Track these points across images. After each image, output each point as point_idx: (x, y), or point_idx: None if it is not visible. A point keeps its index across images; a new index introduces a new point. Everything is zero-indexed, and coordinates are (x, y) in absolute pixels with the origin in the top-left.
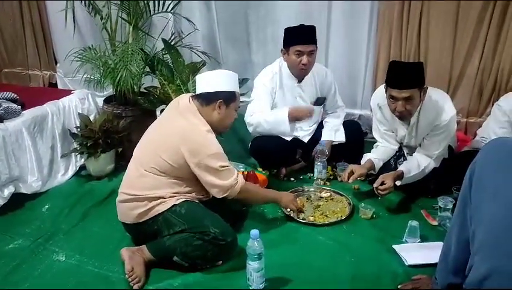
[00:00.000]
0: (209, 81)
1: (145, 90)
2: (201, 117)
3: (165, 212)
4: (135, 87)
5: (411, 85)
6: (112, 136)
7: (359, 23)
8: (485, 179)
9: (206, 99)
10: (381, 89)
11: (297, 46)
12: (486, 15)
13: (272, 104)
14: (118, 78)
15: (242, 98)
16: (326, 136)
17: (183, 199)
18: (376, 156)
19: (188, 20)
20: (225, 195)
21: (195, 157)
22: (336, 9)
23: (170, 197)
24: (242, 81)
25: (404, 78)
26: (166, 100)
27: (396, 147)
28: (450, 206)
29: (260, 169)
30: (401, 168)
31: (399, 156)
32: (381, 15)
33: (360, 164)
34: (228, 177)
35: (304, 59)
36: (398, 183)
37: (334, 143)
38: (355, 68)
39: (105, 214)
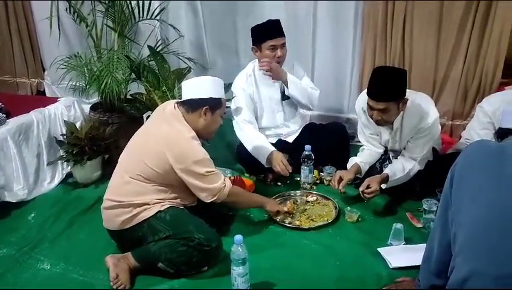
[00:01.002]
0: (194, 87)
1: (131, 97)
2: (187, 124)
3: (149, 219)
4: (121, 94)
5: (388, 98)
6: (98, 143)
7: (344, 28)
8: (465, 181)
9: (192, 106)
10: (364, 93)
11: (270, 41)
12: (468, 18)
13: (253, 107)
14: (103, 85)
15: (227, 104)
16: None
17: (168, 205)
18: (362, 159)
19: (173, 27)
20: (214, 199)
21: (181, 163)
22: (321, 14)
23: (155, 203)
24: (228, 86)
25: (382, 90)
26: (152, 106)
27: (381, 151)
28: (434, 208)
29: (247, 174)
30: (386, 171)
31: (384, 159)
32: (365, 20)
33: (346, 167)
34: (216, 181)
35: (278, 52)
36: (383, 186)
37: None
38: (341, 73)
39: (91, 222)
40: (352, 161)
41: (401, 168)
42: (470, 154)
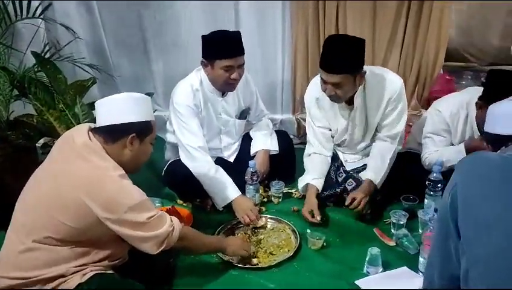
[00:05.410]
0: (115, 109)
1: (14, 120)
2: (110, 158)
3: None
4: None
5: (341, 70)
6: None
7: (271, 20)
8: (472, 208)
9: (113, 134)
10: (315, 80)
11: (225, 60)
12: (404, 4)
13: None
14: None
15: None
16: (261, 145)
17: (92, 273)
18: (314, 175)
19: (65, 26)
20: (162, 248)
21: (112, 213)
22: (244, 8)
23: (74, 273)
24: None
25: (335, 60)
26: (47, 131)
27: (329, 154)
28: (404, 220)
29: (180, 201)
30: (366, 174)
31: (338, 167)
32: (294, 12)
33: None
34: (161, 226)
35: (234, 74)
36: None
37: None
38: (271, 70)
39: None
40: (304, 181)
41: (380, 161)
42: (470, 173)
